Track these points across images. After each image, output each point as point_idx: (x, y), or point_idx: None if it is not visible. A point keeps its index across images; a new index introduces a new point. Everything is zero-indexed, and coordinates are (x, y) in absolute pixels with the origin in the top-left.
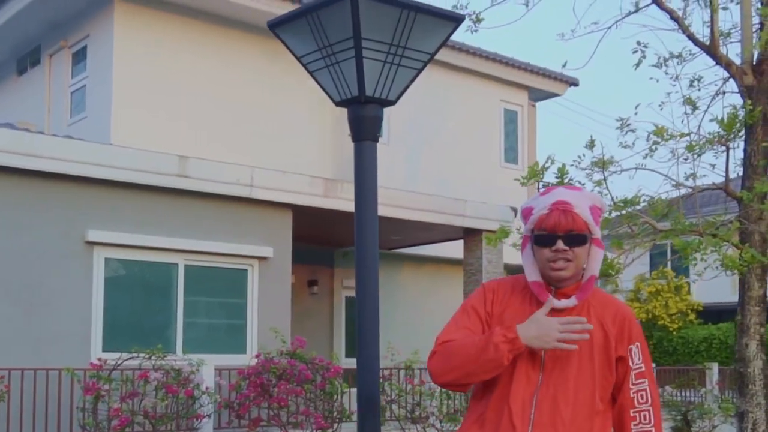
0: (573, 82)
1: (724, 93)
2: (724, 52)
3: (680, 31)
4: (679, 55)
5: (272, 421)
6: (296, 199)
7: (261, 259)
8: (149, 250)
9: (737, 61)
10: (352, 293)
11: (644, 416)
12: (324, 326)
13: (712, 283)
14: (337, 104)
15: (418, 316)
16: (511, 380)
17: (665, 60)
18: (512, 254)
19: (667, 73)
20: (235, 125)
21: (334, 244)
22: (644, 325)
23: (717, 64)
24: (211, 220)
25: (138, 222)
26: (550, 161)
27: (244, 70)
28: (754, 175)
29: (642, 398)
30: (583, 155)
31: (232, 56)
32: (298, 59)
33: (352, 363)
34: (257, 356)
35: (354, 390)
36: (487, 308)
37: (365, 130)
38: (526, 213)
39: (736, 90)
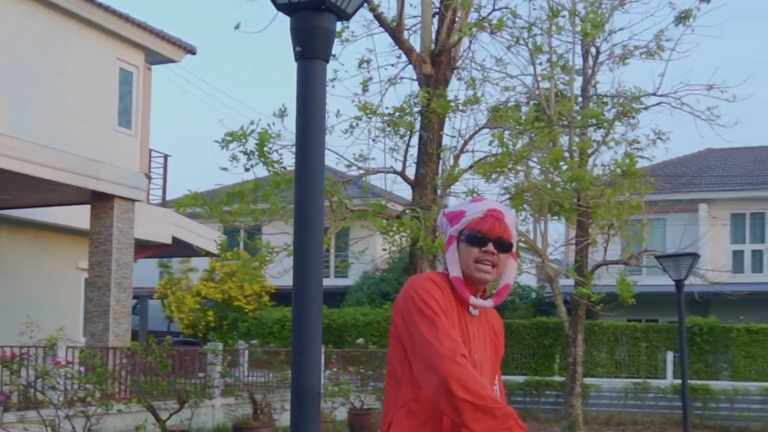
0: (191, 50)
1: (403, 78)
2: (407, 38)
3: (368, 9)
4: (341, 35)
5: None
6: None
7: None
8: None
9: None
10: None
11: None
12: None
13: (282, 267)
14: (279, 8)
15: (21, 289)
16: None
17: None
18: (143, 228)
19: (334, 55)
20: None
21: None
22: (219, 306)
23: (399, 48)
24: None
25: None
26: (254, 125)
27: None
28: (430, 162)
29: (498, 393)
30: (273, 123)
31: None
32: None
33: None
34: None
35: None
36: (444, 305)
37: (317, 45)
38: (457, 215)
39: (415, 77)
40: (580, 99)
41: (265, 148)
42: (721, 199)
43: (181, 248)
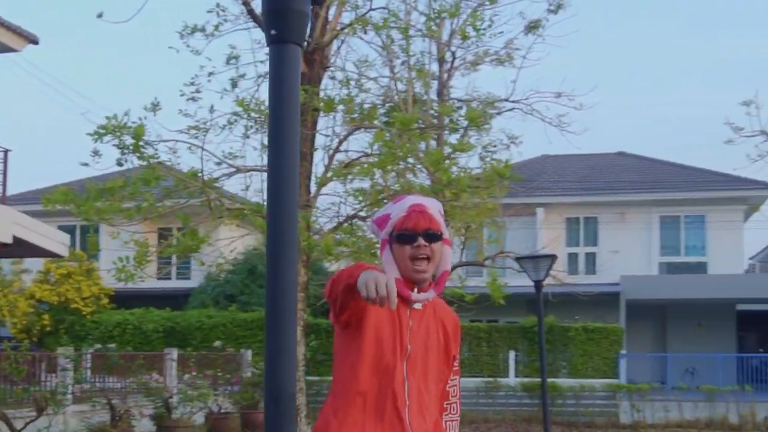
0: (32, 39)
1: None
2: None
3: (241, 2)
4: (203, 29)
5: None
6: None
7: None
8: None
9: None
10: None
11: (453, 408)
12: None
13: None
14: None
15: None
16: (390, 371)
17: (191, 31)
18: None
19: (188, 46)
20: None
21: None
22: (56, 309)
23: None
24: None
25: None
26: (126, 117)
27: None
28: (303, 161)
29: (454, 393)
30: (145, 117)
31: None
32: None
33: None
34: None
35: None
36: None
37: (289, 28)
38: (383, 220)
39: None
40: (435, 104)
41: (140, 143)
42: (557, 204)
43: (23, 249)
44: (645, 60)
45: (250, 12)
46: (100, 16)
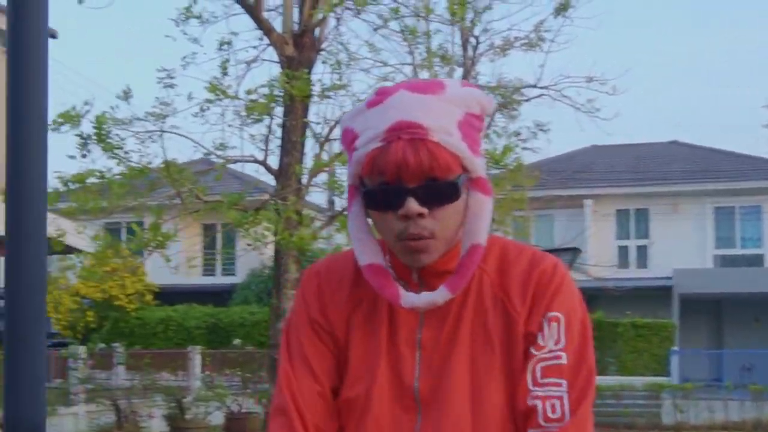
0: (51, 34)
1: (263, 61)
2: (267, 18)
3: None
4: (199, 16)
5: None
6: None
7: None
8: None
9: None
10: None
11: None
12: None
13: (166, 265)
14: None
15: None
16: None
17: (185, 18)
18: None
19: (185, 33)
20: None
21: None
22: (100, 305)
23: (258, 28)
24: None
25: None
26: (88, 106)
27: None
28: (294, 151)
29: (553, 410)
30: (117, 106)
31: None
32: None
33: None
34: None
35: None
36: (314, 315)
37: None
38: (348, 138)
39: (275, 59)
40: None
41: (102, 132)
42: (606, 195)
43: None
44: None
45: None
46: (80, 2)
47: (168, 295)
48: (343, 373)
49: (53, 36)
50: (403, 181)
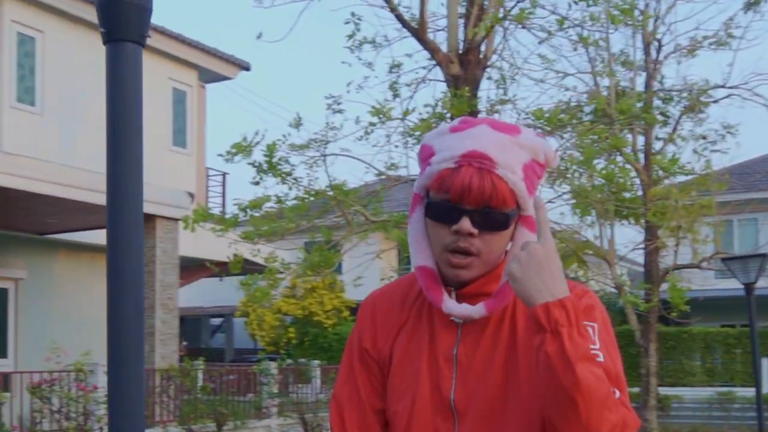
0: (245, 66)
1: (429, 81)
2: (432, 39)
3: (389, 10)
4: (373, 41)
5: None
6: None
7: None
8: None
9: (444, 48)
10: (5, 284)
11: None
12: None
13: (363, 280)
14: None
15: (78, 311)
16: None
17: (360, 44)
18: (189, 244)
19: (360, 59)
20: None
21: None
22: (300, 322)
23: (424, 49)
24: None
25: None
26: (259, 136)
27: None
28: None
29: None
30: (288, 134)
31: None
32: None
33: (3, 364)
34: None
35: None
36: (365, 344)
37: (125, 25)
38: (425, 154)
39: (442, 79)
40: (644, 95)
41: (274, 160)
42: None
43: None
44: None
45: (398, 18)
46: (259, 37)
47: None
48: (388, 389)
49: (246, 68)
50: (463, 202)
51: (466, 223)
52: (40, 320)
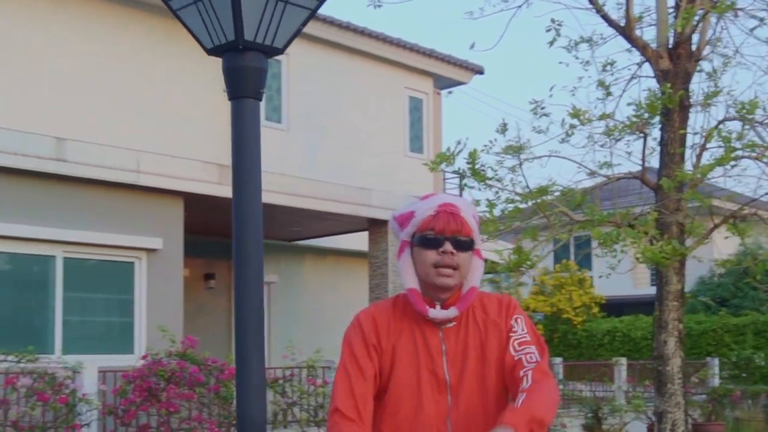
0: (479, 71)
1: (639, 77)
2: (639, 35)
3: (595, 11)
4: (590, 39)
5: (161, 428)
6: (188, 186)
7: (149, 251)
8: (22, 241)
9: (653, 44)
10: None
11: (528, 376)
12: (221, 323)
13: (614, 276)
14: (209, 52)
15: (320, 311)
16: (419, 409)
17: (575, 44)
18: None
19: (577, 58)
20: (118, 106)
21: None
22: (549, 319)
23: (632, 47)
24: (93, 208)
25: (9, 210)
26: (461, 145)
27: (127, 49)
28: (671, 163)
29: (529, 360)
30: (495, 140)
31: (114, 34)
32: None
33: None
34: (144, 357)
35: None
36: (370, 341)
37: (244, 84)
38: (406, 217)
39: (652, 74)
40: None
41: (477, 166)
42: None
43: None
44: None
45: (604, 17)
46: (472, 47)
47: (615, 306)
48: (392, 376)
49: (480, 72)
50: (444, 233)
51: (448, 245)
52: (288, 320)
